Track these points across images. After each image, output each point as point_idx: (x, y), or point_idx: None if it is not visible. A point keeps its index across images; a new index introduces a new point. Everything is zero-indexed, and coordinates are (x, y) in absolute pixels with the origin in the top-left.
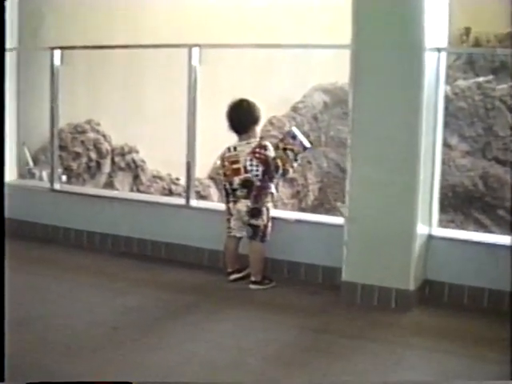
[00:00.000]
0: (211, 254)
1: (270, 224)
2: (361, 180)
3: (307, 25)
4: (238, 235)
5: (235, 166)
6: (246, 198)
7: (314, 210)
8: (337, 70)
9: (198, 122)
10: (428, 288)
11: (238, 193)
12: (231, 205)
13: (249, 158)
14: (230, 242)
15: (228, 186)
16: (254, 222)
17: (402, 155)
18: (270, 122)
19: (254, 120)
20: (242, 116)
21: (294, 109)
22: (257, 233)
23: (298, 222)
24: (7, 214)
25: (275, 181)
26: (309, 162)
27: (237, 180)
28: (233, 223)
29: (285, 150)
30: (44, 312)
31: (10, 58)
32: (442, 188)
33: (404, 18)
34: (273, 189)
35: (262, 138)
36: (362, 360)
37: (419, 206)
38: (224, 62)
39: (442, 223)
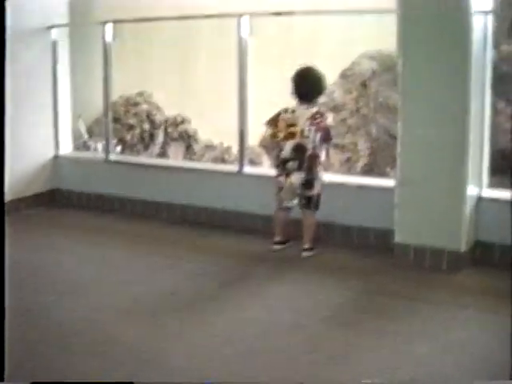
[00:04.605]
0: (265, 219)
1: (321, 192)
2: (411, 142)
3: None
4: (289, 205)
5: (291, 130)
6: (298, 170)
7: (364, 175)
8: (384, 37)
9: (249, 91)
10: (479, 249)
11: (290, 165)
12: (282, 178)
13: (308, 122)
14: (281, 212)
15: (278, 154)
16: (308, 193)
17: (452, 117)
18: None
19: (322, 90)
20: (312, 85)
21: (343, 76)
22: (311, 202)
23: (346, 186)
24: (64, 185)
25: (326, 148)
26: (358, 129)
27: (289, 145)
28: (284, 195)
29: None
30: (103, 278)
31: (62, 34)
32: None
33: None
34: (323, 156)
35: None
36: (416, 321)
37: (469, 168)
38: (272, 30)
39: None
